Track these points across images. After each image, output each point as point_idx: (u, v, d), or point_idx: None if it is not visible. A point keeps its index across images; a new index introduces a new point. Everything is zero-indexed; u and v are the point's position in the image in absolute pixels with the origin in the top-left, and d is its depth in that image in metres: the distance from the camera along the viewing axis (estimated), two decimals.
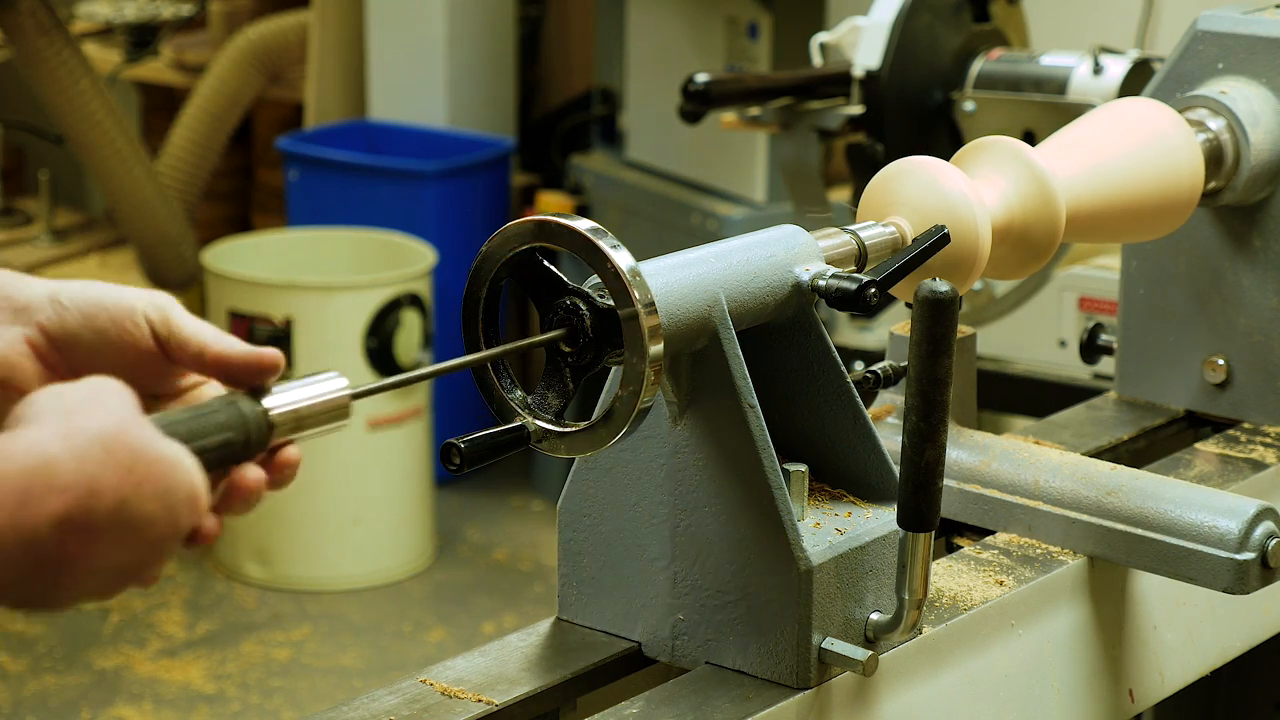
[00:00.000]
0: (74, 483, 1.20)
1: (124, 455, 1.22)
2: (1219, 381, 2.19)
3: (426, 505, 5.24)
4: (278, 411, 1.35)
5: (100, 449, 1.21)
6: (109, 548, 1.23)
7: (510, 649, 1.72)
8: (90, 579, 1.24)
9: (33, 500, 1.18)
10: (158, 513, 1.23)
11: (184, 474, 1.25)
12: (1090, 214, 1.88)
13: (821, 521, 1.66)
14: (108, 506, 1.21)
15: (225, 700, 4.51)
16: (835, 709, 1.64)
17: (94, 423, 1.22)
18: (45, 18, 5.72)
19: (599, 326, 1.51)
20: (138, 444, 1.23)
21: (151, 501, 1.23)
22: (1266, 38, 2.10)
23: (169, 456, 1.24)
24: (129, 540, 1.23)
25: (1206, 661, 2.02)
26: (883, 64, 2.94)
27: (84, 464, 1.20)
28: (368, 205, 5.59)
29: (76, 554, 1.22)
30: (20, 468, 1.19)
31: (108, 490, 1.21)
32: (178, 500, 1.24)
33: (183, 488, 1.25)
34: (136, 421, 1.24)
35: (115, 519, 1.22)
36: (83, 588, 1.24)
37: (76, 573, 1.23)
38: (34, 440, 1.20)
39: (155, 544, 1.24)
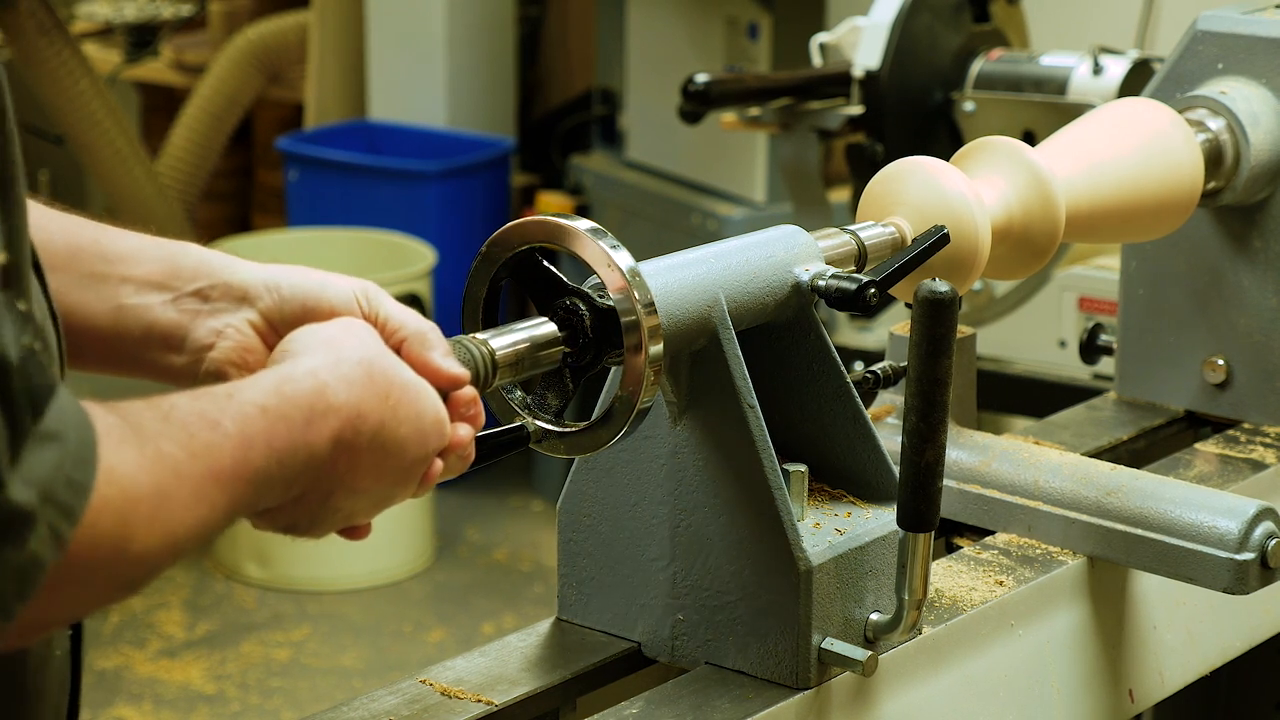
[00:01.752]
0: (345, 404, 1.29)
1: (382, 381, 1.32)
2: (1219, 382, 2.19)
3: (426, 505, 5.24)
4: (503, 351, 1.45)
5: (364, 374, 1.31)
6: (370, 469, 1.32)
7: (510, 649, 1.72)
8: (352, 500, 1.33)
9: (316, 419, 1.28)
10: (410, 436, 1.34)
11: (431, 400, 1.35)
12: (1090, 214, 1.88)
13: (821, 522, 1.66)
14: (371, 428, 1.31)
15: (225, 700, 4.51)
16: (835, 709, 1.64)
17: (354, 351, 1.33)
18: (45, 18, 5.72)
19: (599, 327, 1.51)
20: (392, 371, 1.33)
21: (405, 425, 1.33)
22: (1266, 38, 2.10)
23: (418, 383, 1.35)
24: (387, 462, 1.33)
25: (1206, 661, 2.02)
26: (883, 64, 2.94)
27: (352, 387, 1.30)
28: (368, 205, 5.59)
29: (345, 473, 1.31)
30: (305, 389, 1.28)
31: (371, 413, 1.31)
32: (426, 424, 1.35)
33: (430, 412, 1.35)
34: (385, 350, 1.35)
35: (376, 440, 1.31)
36: (345, 510, 1.34)
37: (343, 493, 1.32)
38: (311, 366, 1.30)
39: (408, 467, 1.35)
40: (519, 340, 1.47)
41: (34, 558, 1.07)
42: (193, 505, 1.18)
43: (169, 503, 1.16)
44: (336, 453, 1.29)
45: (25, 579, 1.07)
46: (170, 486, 1.16)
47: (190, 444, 1.19)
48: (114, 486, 1.12)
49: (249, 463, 1.23)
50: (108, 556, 1.13)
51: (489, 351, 1.44)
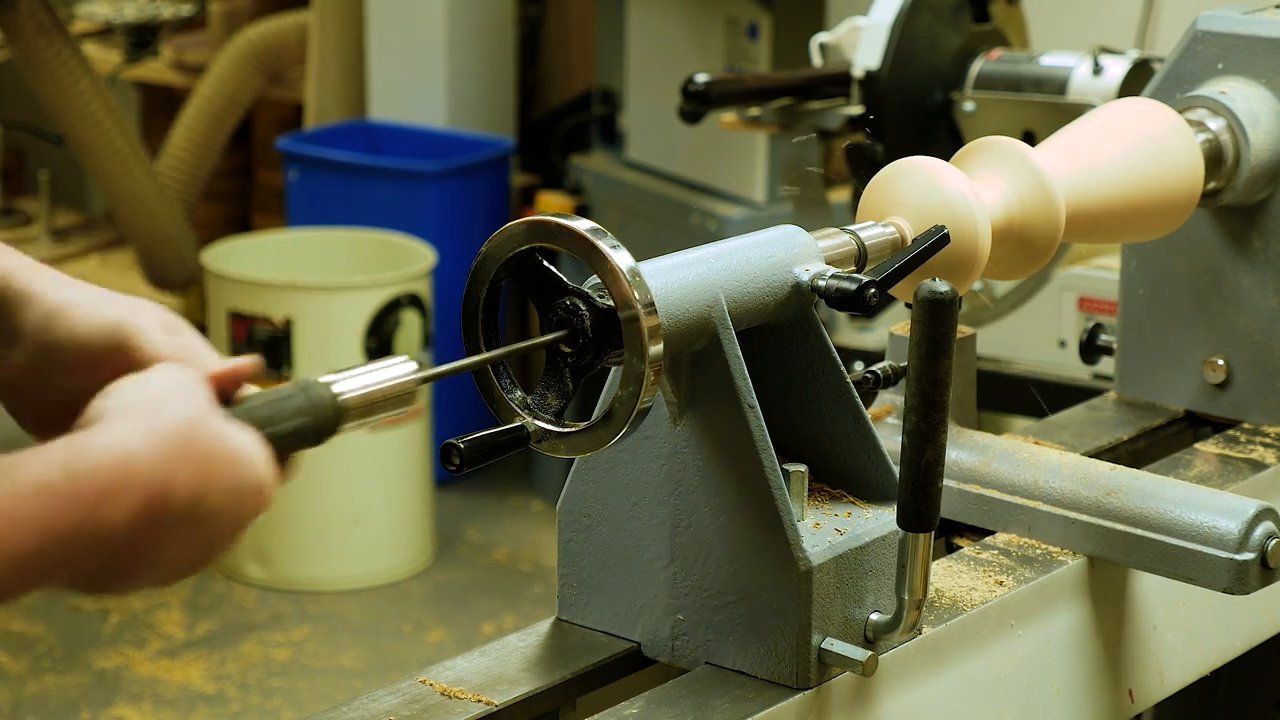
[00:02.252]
0: (151, 477, 1.21)
1: (199, 451, 1.24)
2: (1219, 382, 2.19)
3: (426, 505, 5.24)
4: (348, 396, 1.36)
5: (179, 444, 1.23)
6: (178, 540, 1.25)
7: (510, 649, 1.72)
8: (157, 569, 1.26)
9: (113, 496, 1.19)
10: (227, 506, 1.26)
11: (254, 468, 1.27)
12: (1090, 214, 1.88)
13: (821, 522, 1.66)
14: (182, 501, 1.23)
15: (225, 700, 4.51)
16: (835, 709, 1.64)
17: (173, 417, 1.24)
18: (45, 18, 5.72)
19: (599, 327, 1.51)
20: (212, 439, 1.25)
21: (222, 496, 1.25)
22: (1266, 38, 2.10)
23: (241, 451, 1.26)
24: (198, 533, 1.25)
25: (1206, 662, 2.02)
26: (883, 64, 2.94)
27: (163, 460, 1.22)
28: (368, 205, 5.59)
29: (148, 546, 1.23)
30: (106, 463, 1.20)
31: (182, 486, 1.23)
32: (246, 494, 1.27)
33: (252, 482, 1.27)
34: (212, 414, 1.26)
35: (187, 513, 1.24)
36: (149, 576, 1.26)
37: (146, 563, 1.24)
38: (118, 436, 1.21)
39: (221, 536, 1.27)
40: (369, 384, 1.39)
41: None
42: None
43: None
44: (138, 527, 1.21)
45: None
46: None
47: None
48: None
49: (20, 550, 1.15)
50: None
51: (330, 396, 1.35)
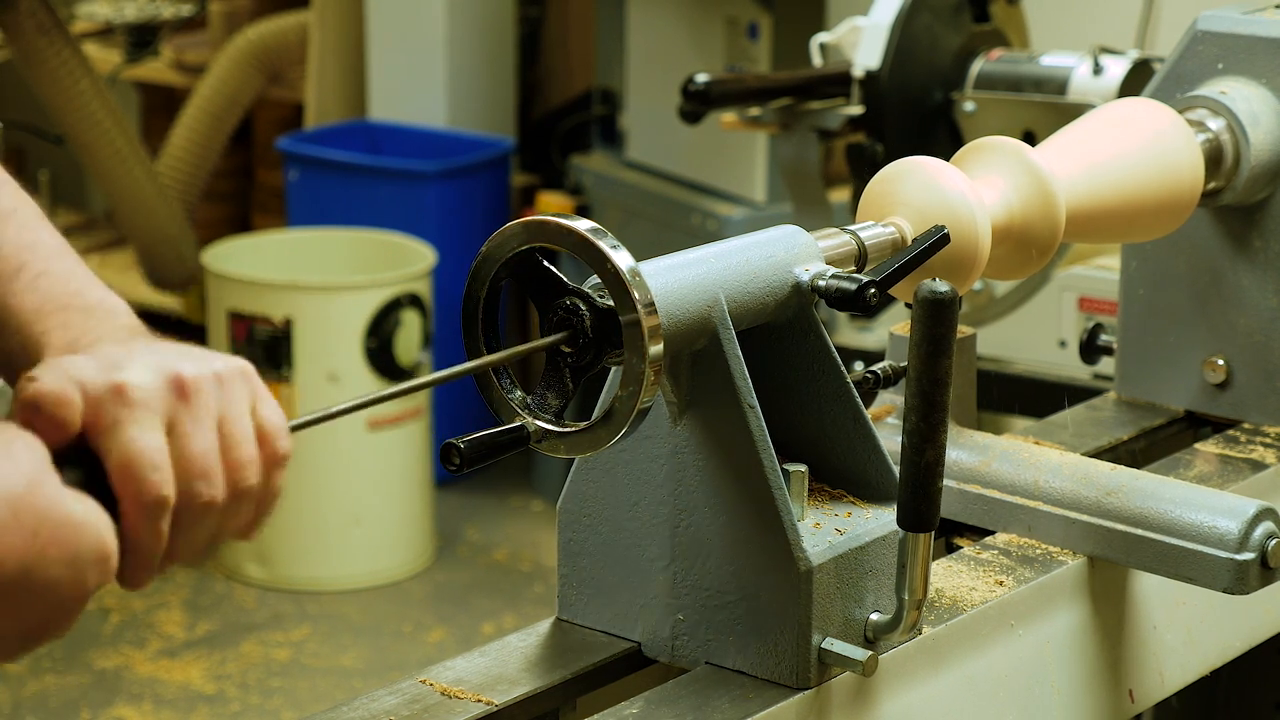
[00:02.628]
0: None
1: (30, 519, 1.16)
2: (1219, 382, 2.19)
3: (426, 505, 5.24)
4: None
5: (7, 513, 1.16)
6: (12, 611, 1.18)
7: (510, 649, 1.72)
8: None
9: None
10: (63, 576, 1.18)
11: (93, 535, 1.19)
12: (1090, 214, 1.88)
13: (821, 522, 1.66)
14: (10, 573, 1.16)
15: (225, 700, 4.51)
16: (835, 709, 1.64)
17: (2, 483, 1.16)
18: (45, 18, 5.72)
19: (599, 327, 1.51)
20: (45, 506, 1.17)
21: (57, 565, 1.18)
22: (1266, 38, 2.10)
23: (77, 518, 1.19)
24: (33, 605, 1.18)
25: (1206, 662, 2.02)
26: (883, 64, 2.94)
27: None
28: (368, 205, 5.59)
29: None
30: None
31: (12, 555, 1.15)
32: (85, 563, 1.19)
33: (91, 550, 1.19)
34: (45, 481, 1.18)
35: (18, 585, 1.16)
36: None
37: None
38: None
39: (59, 606, 1.20)
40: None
41: None
42: None
43: None
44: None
45: None
46: None
47: None
48: None
49: None
50: None
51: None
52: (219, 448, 1.26)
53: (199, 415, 1.25)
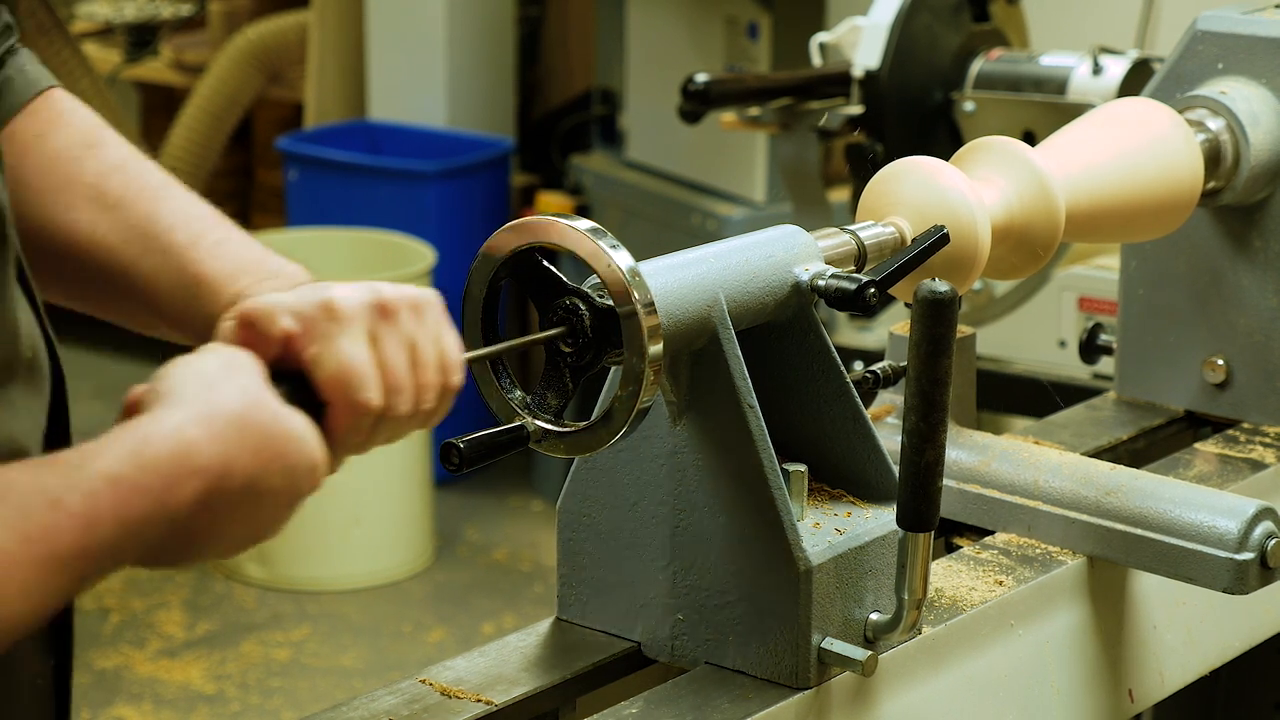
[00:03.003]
0: (210, 465, 1.24)
1: (255, 434, 1.27)
2: (1218, 382, 2.19)
3: (426, 505, 5.24)
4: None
5: (236, 430, 1.26)
6: (236, 520, 1.28)
7: (510, 649, 1.72)
8: (216, 545, 1.29)
9: (177, 484, 1.22)
10: (281, 485, 1.29)
11: (307, 449, 1.30)
12: (1090, 214, 1.88)
13: (821, 521, 1.66)
14: (239, 485, 1.26)
15: (225, 700, 4.51)
16: (835, 709, 1.64)
17: (229, 403, 1.27)
18: (45, 18, 5.72)
19: (598, 326, 1.51)
20: (267, 422, 1.28)
21: (276, 476, 1.28)
22: (1266, 38, 2.10)
23: (294, 432, 1.29)
24: (255, 513, 1.29)
25: (1206, 661, 2.02)
26: (882, 64, 2.94)
27: (221, 446, 1.25)
28: (368, 205, 5.59)
29: (208, 527, 1.26)
30: (166, 453, 1.22)
31: (239, 469, 1.26)
32: (300, 474, 1.30)
33: (305, 462, 1.30)
34: (265, 397, 1.29)
35: (244, 495, 1.27)
36: (208, 552, 1.29)
37: (204, 541, 1.28)
38: (176, 424, 1.24)
39: (276, 513, 1.30)
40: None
41: None
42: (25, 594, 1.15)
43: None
44: (200, 510, 1.25)
45: None
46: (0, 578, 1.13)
47: (25, 527, 1.14)
48: None
49: (94, 540, 1.18)
50: None
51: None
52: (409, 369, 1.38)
53: (398, 335, 1.37)
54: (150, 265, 1.50)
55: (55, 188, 1.51)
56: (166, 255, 1.49)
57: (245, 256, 1.52)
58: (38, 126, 1.53)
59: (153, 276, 1.50)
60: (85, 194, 1.52)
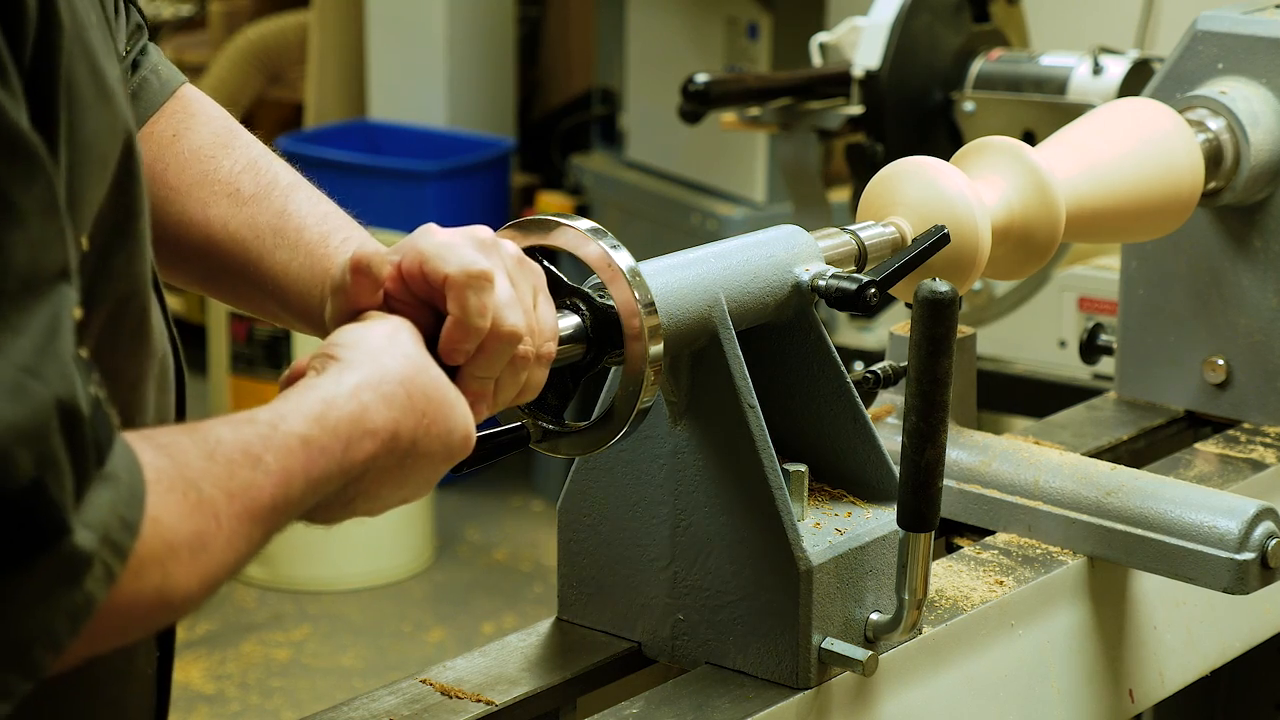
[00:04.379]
0: (382, 427, 1.30)
1: (419, 399, 1.33)
2: (1219, 382, 2.19)
3: (426, 505, 5.24)
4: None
5: (404, 393, 1.32)
6: (395, 481, 1.34)
7: (510, 649, 1.72)
8: (370, 504, 1.35)
9: (354, 444, 1.29)
10: (437, 450, 1.35)
11: (462, 416, 1.36)
12: (1090, 214, 1.88)
13: (821, 521, 1.66)
14: (404, 447, 1.32)
15: (225, 700, 4.51)
16: (835, 709, 1.64)
17: (396, 367, 1.33)
18: None
19: (599, 326, 1.51)
20: (429, 387, 1.34)
21: (435, 440, 1.34)
22: (1266, 38, 2.10)
23: (451, 399, 1.35)
24: (413, 476, 1.35)
25: (1206, 661, 2.02)
26: (882, 64, 2.94)
27: (391, 409, 1.31)
28: (368, 205, 5.54)
29: (370, 485, 1.32)
30: (347, 415, 1.28)
31: (406, 432, 1.32)
32: (455, 440, 1.36)
33: (460, 428, 1.36)
34: (427, 362, 1.35)
35: (407, 457, 1.33)
36: (366, 507, 1.35)
37: (363, 499, 1.34)
38: (353, 387, 1.30)
39: (431, 475, 1.36)
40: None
41: (88, 597, 1.10)
42: (230, 545, 1.20)
43: (208, 548, 1.18)
44: (369, 469, 1.31)
45: (77, 617, 1.10)
46: (209, 532, 1.18)
47: (230, 484, 1.20)
48: (158, 538, 1.14)
49: (288, 497, 1.24)
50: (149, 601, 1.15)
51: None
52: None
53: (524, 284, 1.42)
54: (281, 259, 1.56)
55: (191, 185, 1.59)
56: (296, 250, 1.56)
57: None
58: (173, 127, 1.62)
59: (283, 270, 1.56)
60: (221, 190, 1.60)
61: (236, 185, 1.60)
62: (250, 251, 1.58)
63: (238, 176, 1.61)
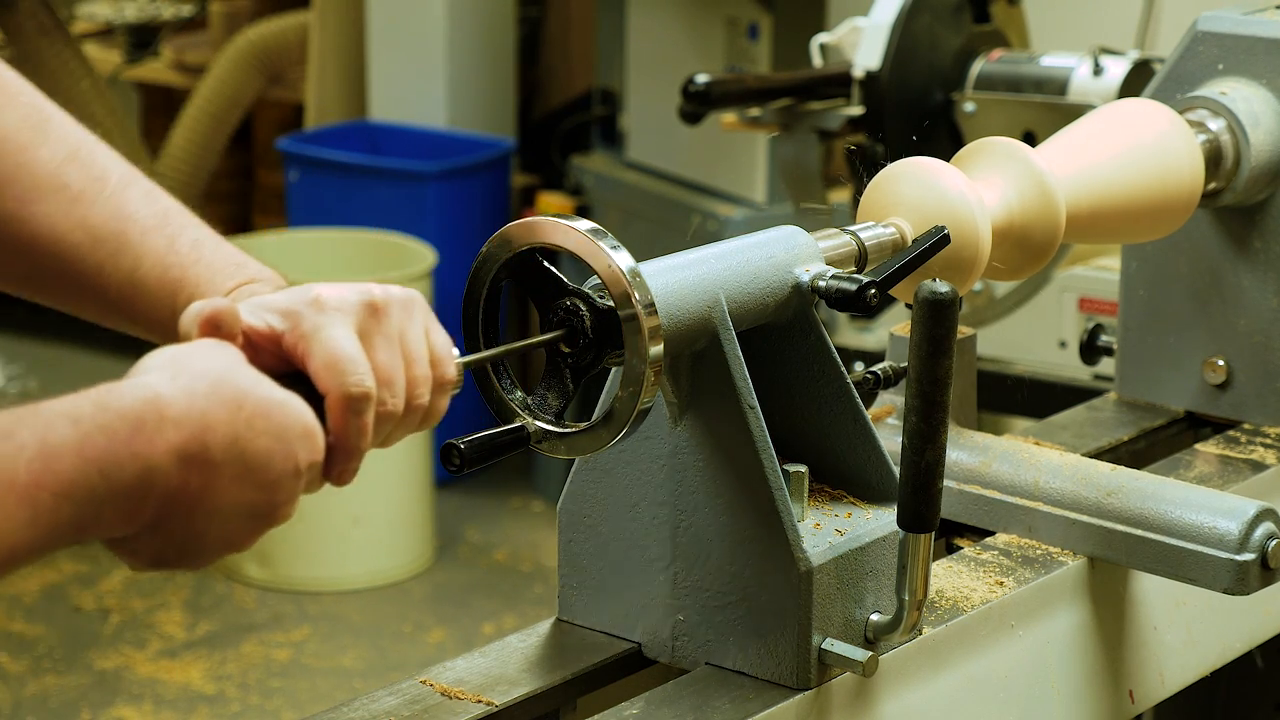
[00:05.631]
0: (185, 416, 1.24)
1: (230, 392, 1.26)
2: (1219, 382, 2.19)
3: (426, 506, 5.24)
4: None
5: (206, 385, 1.25)
6: (231, 484, 1.27)
7: (510, 650, 1.72)
8: (221, 520, 1.28)
9: (147, 429, 1.22)
10: (274, 448, 1.28)
11: (295, 412, 1.29)
12: (1090, 215, 1.88)
13: (821, 522, 1.66)
14: (222, 442, 1.25)
15: (225, 701, 4.51)
16: (835, 710, 1.64)
17: (201, 363, 1.27)
18: (46, 18, 5.72)
19: (599, 327, 1.51)
20: (245, 384, 1.27)
21: (265, 437, 1.27)
22: (1266, 38, 2.10)
23: (276, 396, 1.29)
24: (250, 478, 1.27)
25: (1206, 662, 2.02)
26: (883, 65, 2.94)
27: (192, 399, 1.25)
28: (368, 206, 5.59)
29: (200, 490, 1.25)
30: (131, 399, 1.23)
31: (219, 425, 1.25)
32: (293, 436, 1.29)
33: (295, 424, 1.29)
34: (242, 367, 1.29)
35: (231, 454, 1.26)
36: (217, 532, 1.28)
37: (205, 511, 1.26)
38: (144, 381, 1.25)
39: (277, 481, 1.29)
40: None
41: None
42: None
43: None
44: (185, 469, 1.24)
45: None
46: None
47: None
48: None
49: (54, 473, 1.18)
50: None
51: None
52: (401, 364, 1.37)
53: (387, 331, 1.36)
54: (125, 267, 1.47)
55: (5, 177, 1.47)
56: (141, 258, 1.47)
57: (224, 258, 1.50)
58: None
59: (128, 279, 1.47)
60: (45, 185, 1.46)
61: (62, 179, 1.46)
62: (87, 259, 1.47)
63: (61, 168, 1.46)
